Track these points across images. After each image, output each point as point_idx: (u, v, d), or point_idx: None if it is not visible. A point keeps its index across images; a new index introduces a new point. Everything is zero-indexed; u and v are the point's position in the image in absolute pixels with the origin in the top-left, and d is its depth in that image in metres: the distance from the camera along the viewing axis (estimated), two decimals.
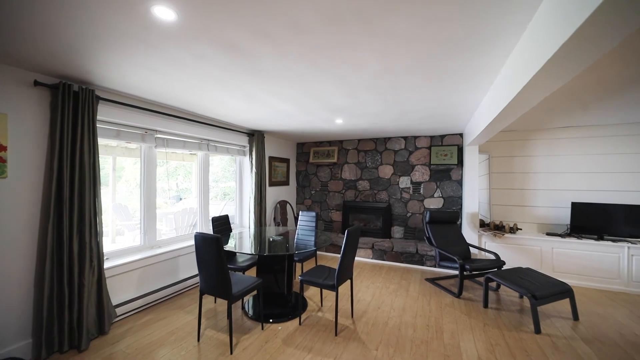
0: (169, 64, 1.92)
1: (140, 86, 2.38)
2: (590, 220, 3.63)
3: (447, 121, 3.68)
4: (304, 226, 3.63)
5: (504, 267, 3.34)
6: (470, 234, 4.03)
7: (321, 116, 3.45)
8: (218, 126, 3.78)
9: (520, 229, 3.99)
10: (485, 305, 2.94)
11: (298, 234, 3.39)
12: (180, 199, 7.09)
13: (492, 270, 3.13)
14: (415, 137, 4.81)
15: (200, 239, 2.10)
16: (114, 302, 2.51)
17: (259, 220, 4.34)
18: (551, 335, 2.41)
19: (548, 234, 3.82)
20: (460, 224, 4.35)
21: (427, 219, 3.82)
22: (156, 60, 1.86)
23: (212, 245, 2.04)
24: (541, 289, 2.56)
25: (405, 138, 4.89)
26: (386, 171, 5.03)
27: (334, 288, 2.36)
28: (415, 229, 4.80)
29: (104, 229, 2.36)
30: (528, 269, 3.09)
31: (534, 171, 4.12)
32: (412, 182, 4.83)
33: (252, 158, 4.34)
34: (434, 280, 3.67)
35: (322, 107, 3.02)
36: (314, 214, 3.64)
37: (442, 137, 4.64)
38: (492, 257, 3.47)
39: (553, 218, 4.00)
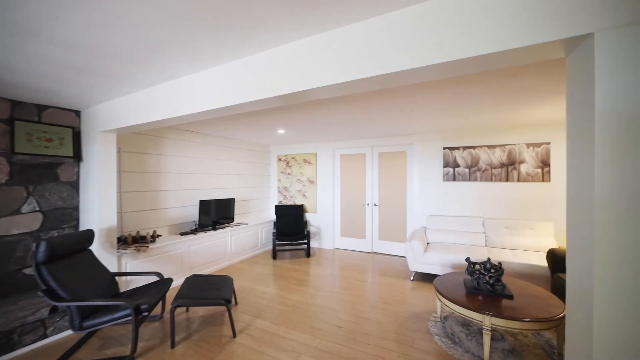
0: None
1: None
2: (207, 214, 4.25)
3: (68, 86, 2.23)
4: None
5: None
6: (107, 258, 2.81)
7: None
8: None
9: (160, 235, 3.58)
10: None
11: None
12: None
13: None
14: None
15: None
16: None
17: None
18: None
19: (181, 233, 3.85)
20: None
21: (42, 256, 2.03)
22: None
23: None
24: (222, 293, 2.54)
25: None
26: None
27: None
28: None
29: None
30: (194, 276, 2.89)
31: (165, 171, 3.90)
32: None
33: None
34: None
35: None
36: None
37: (43, 108, 2.71)
38: (154, 277, 2.74)
39: (182, 217, 4.10)
